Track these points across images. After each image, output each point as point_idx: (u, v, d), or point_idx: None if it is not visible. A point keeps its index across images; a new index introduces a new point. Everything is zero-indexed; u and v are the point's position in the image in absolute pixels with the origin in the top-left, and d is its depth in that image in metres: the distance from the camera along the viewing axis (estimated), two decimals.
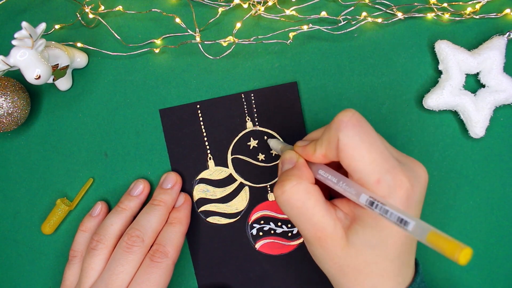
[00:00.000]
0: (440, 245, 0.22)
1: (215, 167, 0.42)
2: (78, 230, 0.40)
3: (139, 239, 0.37)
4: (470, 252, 0.21)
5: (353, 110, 0.29)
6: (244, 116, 0.41)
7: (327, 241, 0.30)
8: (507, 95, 0.39)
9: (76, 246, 0.40)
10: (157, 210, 0.39)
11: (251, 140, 0.42)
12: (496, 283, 0.41)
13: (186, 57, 0.42)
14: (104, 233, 0.38)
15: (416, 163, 0.31)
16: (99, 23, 0.42)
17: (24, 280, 0.43)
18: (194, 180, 0.42)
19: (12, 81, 0.39)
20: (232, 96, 0.41)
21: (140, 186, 0.41)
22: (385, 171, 0.28)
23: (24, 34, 0.33)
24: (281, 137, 0.42)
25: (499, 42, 0.39)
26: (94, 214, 0.41)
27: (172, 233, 0.38)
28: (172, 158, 0.42)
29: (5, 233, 0.43)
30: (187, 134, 0.42)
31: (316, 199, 0.30)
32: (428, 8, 0.41)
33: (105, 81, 0.42)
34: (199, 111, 0.42)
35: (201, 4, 0.42)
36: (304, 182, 0.30)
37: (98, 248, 0.37)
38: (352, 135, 0.28)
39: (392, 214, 0.26)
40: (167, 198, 0.40)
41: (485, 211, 0.41)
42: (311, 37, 0.42)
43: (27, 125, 0.43)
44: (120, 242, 0.37)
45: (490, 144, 0.41)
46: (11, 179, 0.43)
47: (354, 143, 0.28)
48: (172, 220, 0.39)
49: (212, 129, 0.42)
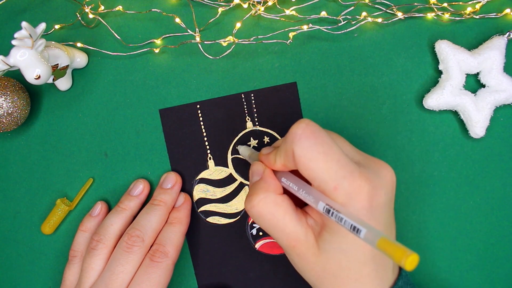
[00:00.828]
0: (389, 251, 0.23)
1: (215, 167, 0.42)
2: (78, 230, 0.40)
3: (139, 239, 0.37)
4: (416, 258, 0.22)
5: (307, 120, 0.29)
6: (244, 116, 0.41)
7: (301, 249, 0.30)
8: (507, 95, 0.39)
9: (76, 246, 0.40)
10: (157, 210, 0.39)
11: (251, 140, 0.41)
12: (496, 283, 0.41)
13: (186, 57, 0.42)
14: (104, 233, 0.38)
15: (381, 164, 0.31)
16: (99, 23, 0.42)
17: (24, 280, 0.43)
18: (194, 180, 0.42)
19: (12, 81, 0.39)
20: (232, 96, 0.41)
21: (140, 186, 0.41)
22: (341, 178, 0.28)
23: (24, 34, 0.33)
24: (281, 137, 0.42)
25: (499, 42, 0.39)
26: (94, 214, 0.41)
27: (172, 233, 0.38)
28: (172, 158, 0.42)
29: (5, 233, 0.43)
30: (187, 134, 0.42)
31: (285, 210, 0.30)
32: (428, 8, 0.41)
33: (105, 81, 0.42)
34: (199, 111, 0.42)
35: (201, 4, 0.42)
36: (271, 195, 0.30)
37: (98, 248, 0.37)
38: (306, 147, 0.28)
39: (346, 222, 0.26)
40: (167, 198, 0.40)
41: (485, 211, 0.41)
42: (311, 37, 0.42)
43: (27, 125, 0.43)
44: (120, 242, 0.37)
45: (490, 144, 0.41)
46: (11, 179, 0.43)
47: (308, 154, 0.28)
48: (172, 220, 0.39)
49: (212, 129, 0.42)
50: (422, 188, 0.41)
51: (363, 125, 0.41)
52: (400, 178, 0.41)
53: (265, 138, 0.41)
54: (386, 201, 0.29)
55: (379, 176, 0.29)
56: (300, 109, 0.41)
